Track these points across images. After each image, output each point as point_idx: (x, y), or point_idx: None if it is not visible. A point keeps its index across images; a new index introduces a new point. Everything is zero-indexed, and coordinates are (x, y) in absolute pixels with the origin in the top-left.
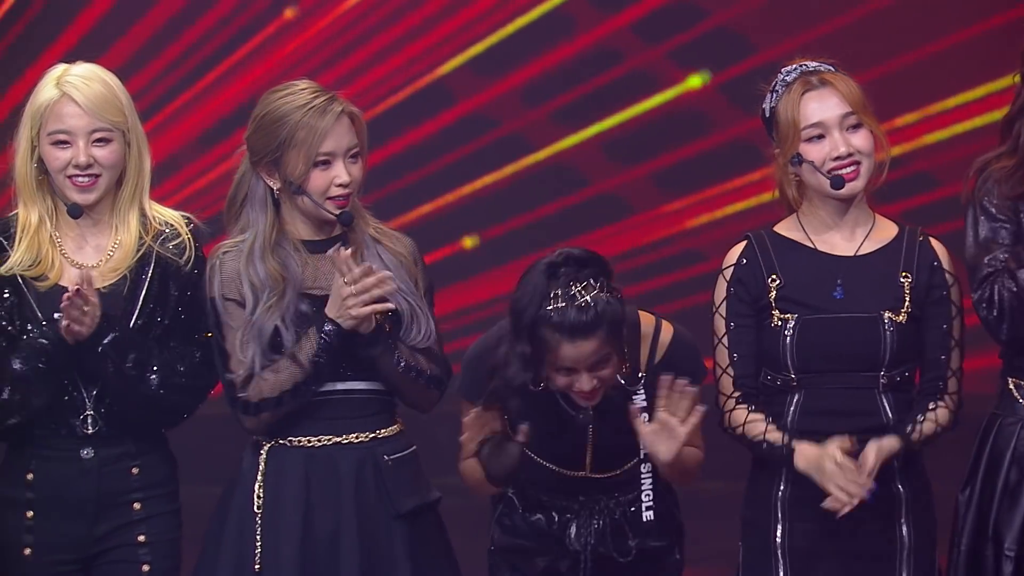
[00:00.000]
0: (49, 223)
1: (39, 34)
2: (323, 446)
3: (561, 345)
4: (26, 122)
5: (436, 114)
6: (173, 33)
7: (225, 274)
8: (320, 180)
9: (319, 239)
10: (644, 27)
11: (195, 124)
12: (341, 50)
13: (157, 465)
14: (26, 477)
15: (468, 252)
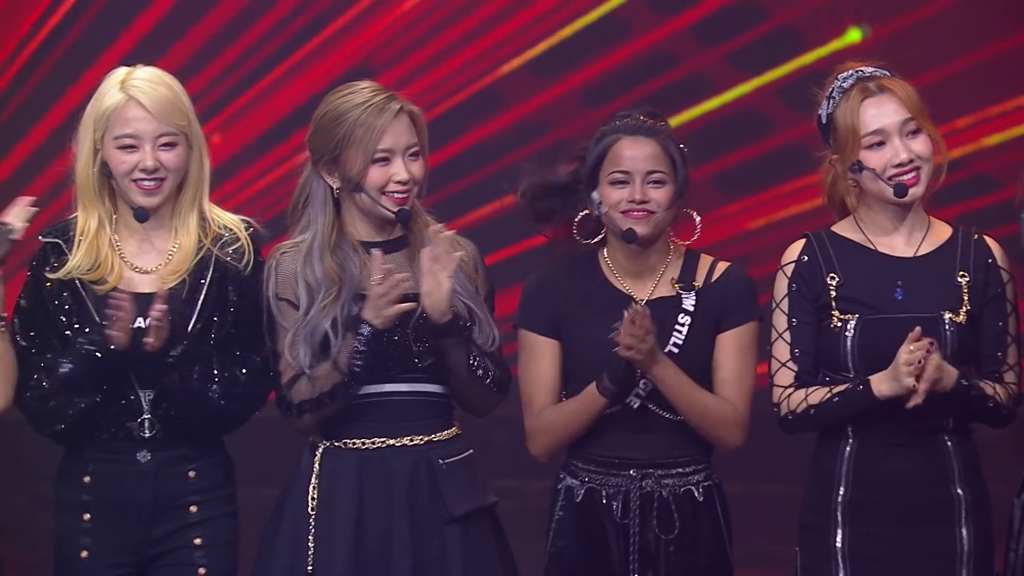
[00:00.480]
0: (108, 227)
1: (96, 37)
2: (377, 448)
3: (619, 143)
4: (89, 126)
5: (493, 116)
6: (231, 36)
7: (281, 274)
8: (378, 176)
9: (379, 240)
10: (701, 30)
11: (253, 127)
12: (399, 52)
13: (214, 468)
14: (83, 480)
15: (528, 254)
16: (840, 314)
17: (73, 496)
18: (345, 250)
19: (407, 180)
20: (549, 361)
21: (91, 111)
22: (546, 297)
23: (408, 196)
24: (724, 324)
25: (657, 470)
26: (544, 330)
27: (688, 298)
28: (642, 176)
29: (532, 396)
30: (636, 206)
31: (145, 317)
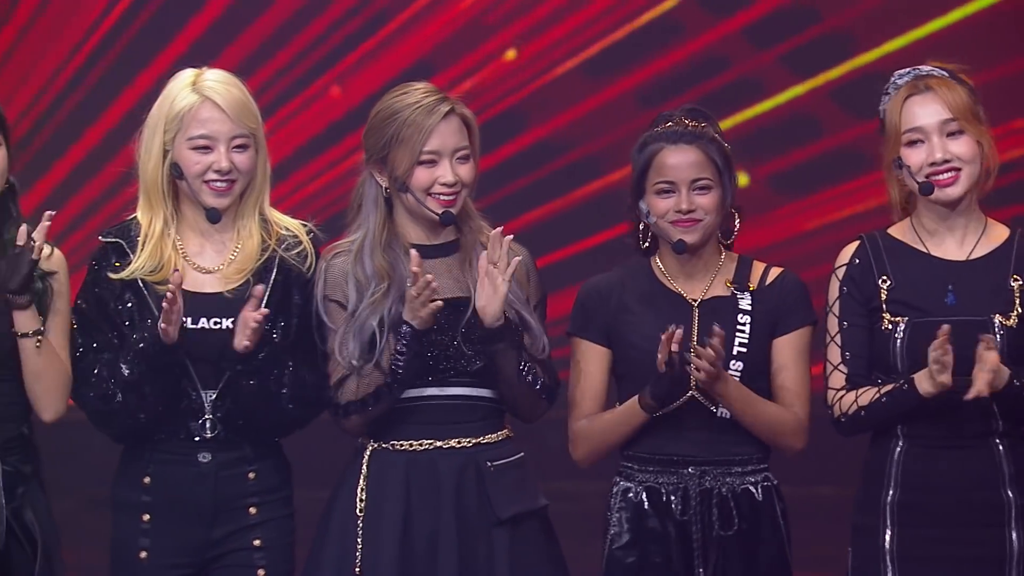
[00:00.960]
0: (172, 227)
1: (150, 40)
2: (425, 450)
3: (663, 152)
4: (158, 126)
5: (548, 118)
6: (284, 38)
7: (330, 275)
8: (424, 177)
9: (431, 243)
10: (754, 32)
11: (306, 130)
12: (453, 54)
13: (273, 470)
14: (143, 480)
15: (582, 256)
16: (891, 317)
17: (133, 497)
18: (396, 251)
19: (453, 182)
20: (598, 368)
21: (160, 112)
22: (598, 305)
23: (455, 199)
24: (780, 329)
25: (715, 467)
26: (595, 338)
27: (744, 298)
28: (687, 185)
29: (578, 402)
30: (683, 216)
31: (209, 317)
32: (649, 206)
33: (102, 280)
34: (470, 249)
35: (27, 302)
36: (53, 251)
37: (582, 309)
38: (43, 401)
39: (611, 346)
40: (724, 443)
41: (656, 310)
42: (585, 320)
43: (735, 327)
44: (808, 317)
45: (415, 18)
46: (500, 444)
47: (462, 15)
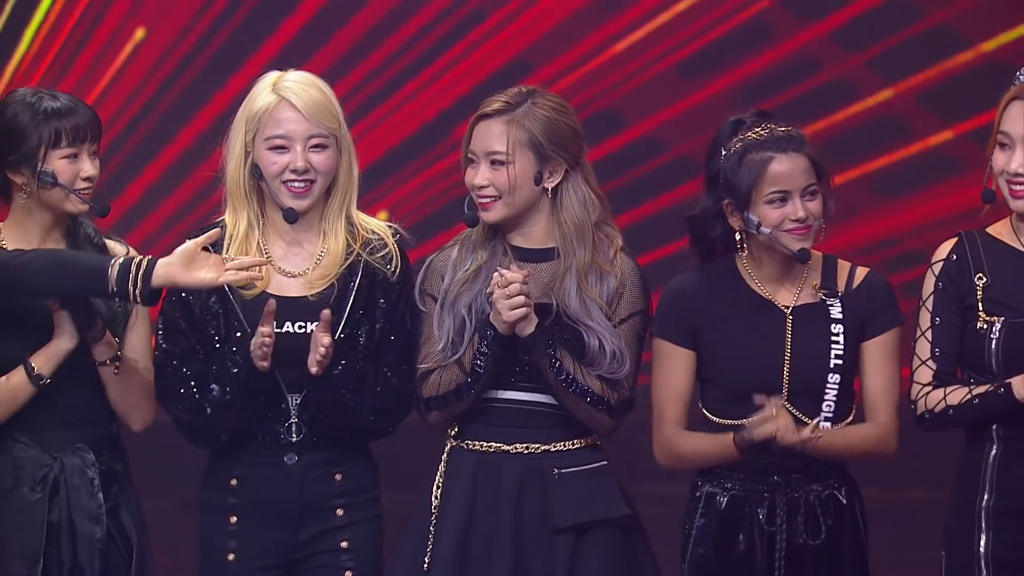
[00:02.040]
0: (257, 230)
1: (242, 43)
2: (493, 452)
3: (772, 161)
4: (240, 127)
5: (639, 119)
6: (376, 41)
7: (430, 268)
8: (468, 177)
9: (531, 247)
10: (844, 35)
11: (398, 131)
12: (542, 55)
13: (360, 472)
14: (230, 482)
15: (670, 259)
16: (986, 315)
17: (220, 499)
18: (497, 250)
19: (480, 185)
20: (682, 371)
21: (242, 112)
22: (683, 307)
23: (489, 202)
24: (869, 332)
25: (802, 475)
26: (680, 340)
27: (834, 305)
28: (799, 192)
29: (663, 406)
30: (799, 224)
31: (294, 321)
32: (760, 217)
33: None
34: (562, 267)
35: (97, 335)
36: (129, 251)
37: (667, 311)
38: (129, 416)
39: (696, 349)
40: None
41: (745, 316)
42: (669, 322)
43: (829, 337)
44: (895, 319)
45: (504, 21)
46: (574, 452)
47: (545, 17)
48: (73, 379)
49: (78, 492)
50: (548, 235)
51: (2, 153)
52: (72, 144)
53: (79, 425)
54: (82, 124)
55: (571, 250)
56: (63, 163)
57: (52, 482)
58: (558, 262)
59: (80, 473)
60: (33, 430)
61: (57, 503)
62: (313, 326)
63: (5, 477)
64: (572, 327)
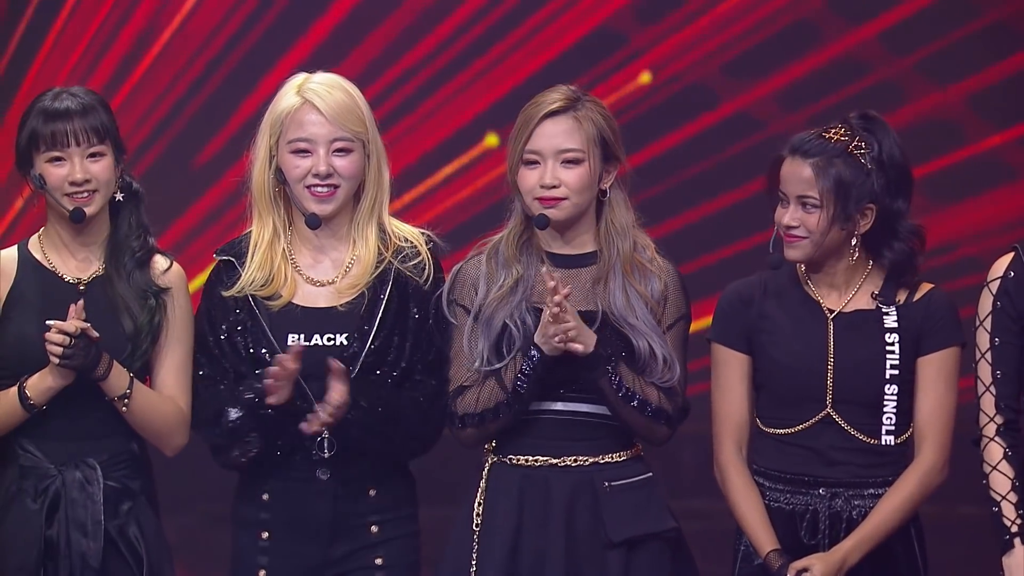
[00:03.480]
0: (283, 237)
1: (273, 45)
2: (539, 467)
3: (783, 161)
4: (264, 130)
5: (685, 121)
6: (409, 42)
7: (460, 277)
8: (527, 178)
9: (567, 253)
10: (891, 37)
11: (432, 135)
12: (591, 57)
13: (396, 487)
14: (262, 497)
15: (727, 262)
16: None
17: (251, 514)
18: (532, 258)
19: (551, 185)
20: (739, 377)
21: (267, 116)
22: (739, 310)
23: (556, 203)
24: (925, 347)
25: (847, 490)
26: (736, 344)
27: (889, 314)
28: (794, 199)
29: (720, 414)
30: (787, 231)
31: (322, 333)
32: (776, 214)
33: (215, 300)
34: (607, 268)
35: (103, 373)
36: (171, 266)
37: (722, 315)
38: (156, 443)
39: (751, 353)
40: (858, 465)
41: (794, 318)
42: (725, 326)
43: (884, 346)
44: (954, 337)
45: (547, 22)
46: (623, 464)
47: (588, 16)
48: (86, 392)
49: (75, 506)
50: (588, 240)
51: (15, 154)
52: (53, 148)
53: (90, 439)
54: (66, 129)
55: (615, 249)
56: (48, 167)
57: (52, 495)
58: (599, 265)
59: (80, 487)
60: (42, 440)
61: (57, 518)
62: (343, 338)
63: (10, 486)
64: (619, 331)
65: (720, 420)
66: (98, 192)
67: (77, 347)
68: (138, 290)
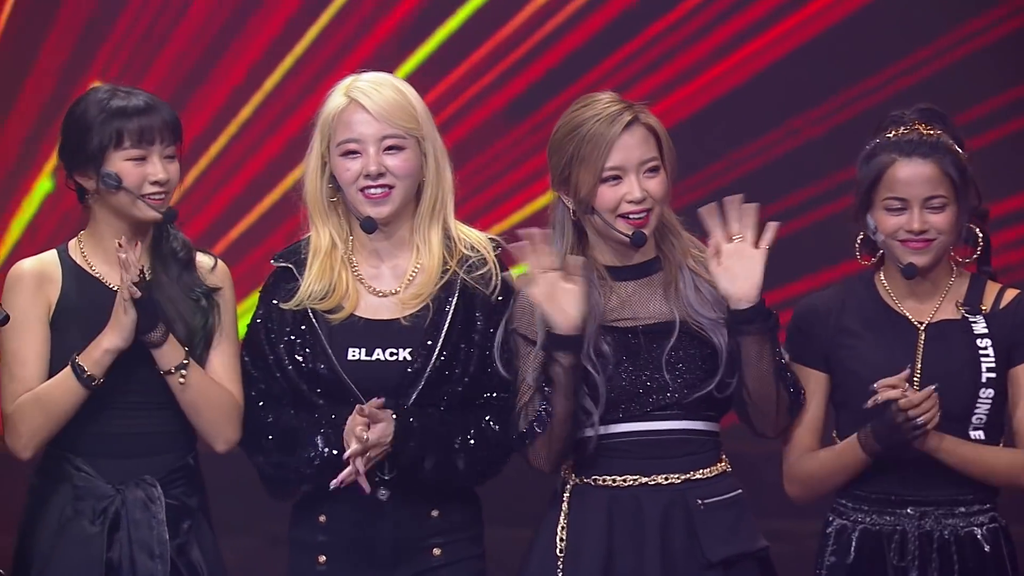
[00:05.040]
0: (342, 246)
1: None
2: (628, 486)
3: (895, 164)
4: (315, 135)
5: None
6: (474, 41)
7: (519, 304)
8: (609, 196)
9: (625, 265)
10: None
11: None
12: (658, 59)
13: (459, 508)
14: (319, 519)
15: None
16: None
17: (309, 536)
18: (589, 273)
19: (641, 199)
20: (816, 396)
21: (317, 120)
22: (815, 327)
23: (646, 217)
24: (1016, 357)
25: (937, 509)
26: (812, 362)
27: (977, 322)
28: (920, 203)
29: (794, 434)
30: (914, 236)
31: (384, 348)
32: (876, 221)
33: (273, 310)
34: (673, 269)
35: (159, 338)
36: (217, 263)
37: (798, 331)
38: (209, 434)
39: (829, 371)
40: (948, 482)
41: (878, 334)
42: (801, 343)
43: (977, 352)
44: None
45: (619, 23)
46: (714, 480)
47: (662, 14)
48: (144, 404)
49: (139, 527)
50: (648, 248)
51: (71, 153)
52: (137, 145)
53: (148, 455)
54: (150, 125)
55: (676, 249)
56: (128, 165)
57: (112, 516)
58: (665, 270)
59: (143, 507)
60: (96, 458)
61: (118, 539)
62: (406, 353)
63: (64, 508)
64: (701, 336)
65: (791, 439)
66: (170, 194)
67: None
68: (188, 291)
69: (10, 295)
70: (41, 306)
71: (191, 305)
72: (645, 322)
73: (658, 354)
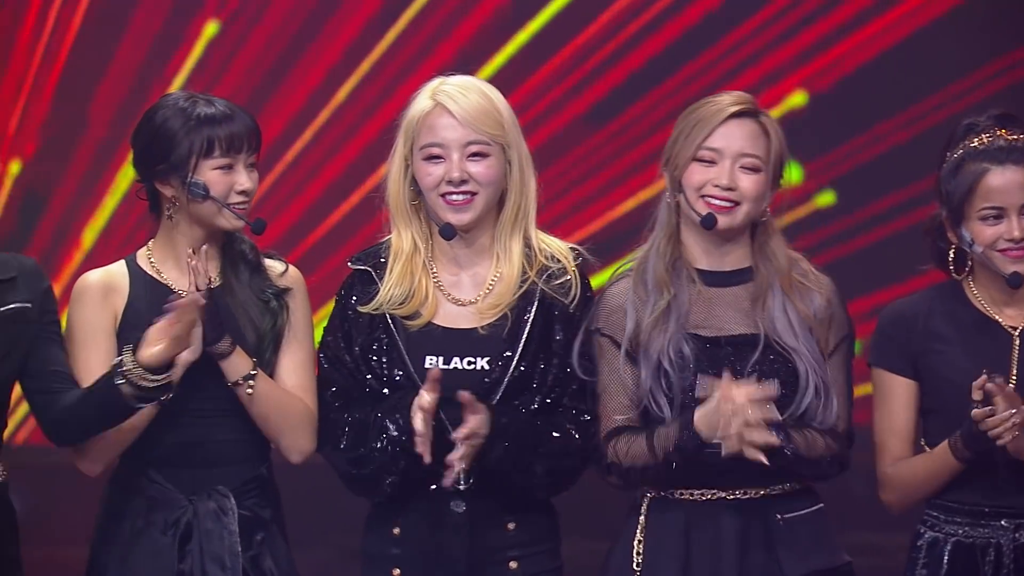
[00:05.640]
0: (423, 251)
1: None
2: (707, 501)
3: (988, 173)
4: (399, 138)
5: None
6: (556, 44)
7: (605, 305)
8: (698, 175)
9: (719, 270)
10: None
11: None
12: (740, 64)
13: (536, 519)
14: (393, 532)
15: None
16: None
17: (382, 549)
18: (682, 279)
19: (727, 187)
20: (904, 403)
21: (401, 123)
22: (903, 332)
23: (731, 208)
24: None
25: None
26: (900, 369)
27: None
28: (1017, 210)
29: (884, 442)
30: (1015, 245)
31: (463, 356)
32: (973, 234)
33: (349, 314)
34: (765, 284)
35: (227, 349)
36: (288, 268)
37: (885, 337)
38: (281, 444)
39: (918, 378)
40: None
41: (969, 340)
42: (888, 349)
43: None
44: None
45: (727, 22)
46: (793, 495)
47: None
48: (216, 414)
49: (211, 538)
50: (743, 255)
51: (151, 161)
52: (226, 154)
53: (221, 465)
54: (238, 132)
55: (772, 266)
56: (216, 174)
57: (184, 527)
58: (756, 282)
59: (215, 518)
60: (170, 468)
61: (190, 550)
62: (484, 362)
63: (136, 519)
64: (783, 355)
65: (881, 447)
66: (251, 203)
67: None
68: (258, 293)
69: (76, 307)
70: (107, 318)
71: (260, 307)
72: (729, 333)
73: (740, 368)
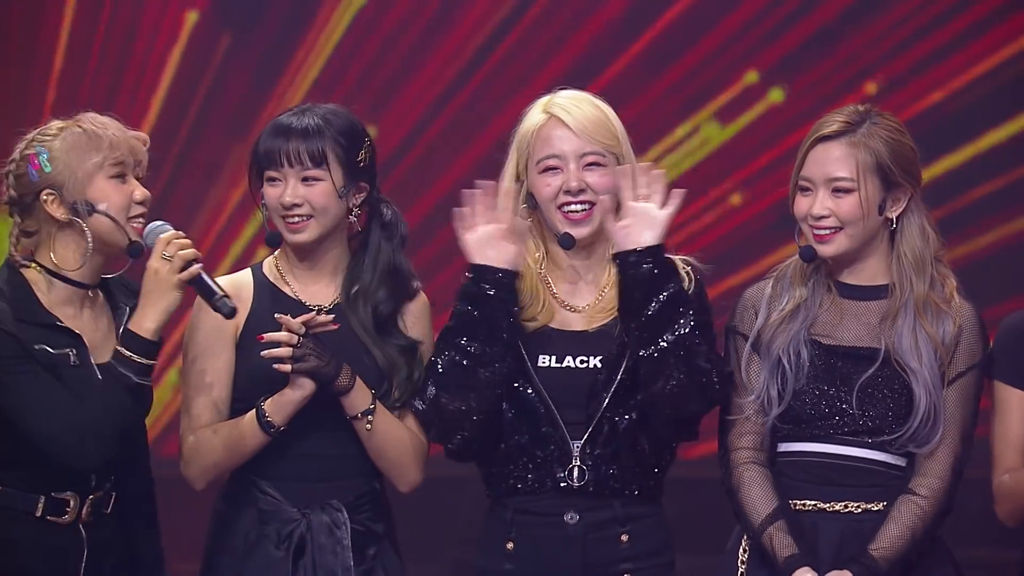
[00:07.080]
0: (540, 261)
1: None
2: (807, 511)
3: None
4: (512, 153)
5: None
6: (669, 58)
7: (742, 302)
8: (800, 207)
9: (860, 284)
10: None
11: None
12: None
13: (651, 531)
14: (506, 546)
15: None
16: None
17: (496, 564)
18: (820, 281)
19: (820, 215)
20: (1020, 415)
21: (514, 137)
22: (1019, 343)
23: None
24: None
25: None
26: (1016, 381)
27: None
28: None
29: (1000, 454)
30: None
31: (575, 355)
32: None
33: None
34: (898, 304)
35: (347, 385)
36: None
37: (1003, 349)
38: (391, 475)
39: None
40: None
41: None
42: (1007, 361)
43: None
44: None
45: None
46: None
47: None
48: (330, 428)
49: (324, 552)
50: (880, 271)
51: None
52: (270, 167)
53: (334, 479)
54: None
55: (908, 284)
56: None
57: (297, 540)
58: (891, 300)
59: (328, 532)
60: (283, 482)
61: (303, 564)
62: (596, 361)
63: (249, 532)
64: (900, 373)
65: (997, 460)
66: (313, 219)
67: (306, 347)
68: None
69: (199, 315)
70: (229, 327)
71: (395, 350)
72: (849, 344)
73: (854, 380)
